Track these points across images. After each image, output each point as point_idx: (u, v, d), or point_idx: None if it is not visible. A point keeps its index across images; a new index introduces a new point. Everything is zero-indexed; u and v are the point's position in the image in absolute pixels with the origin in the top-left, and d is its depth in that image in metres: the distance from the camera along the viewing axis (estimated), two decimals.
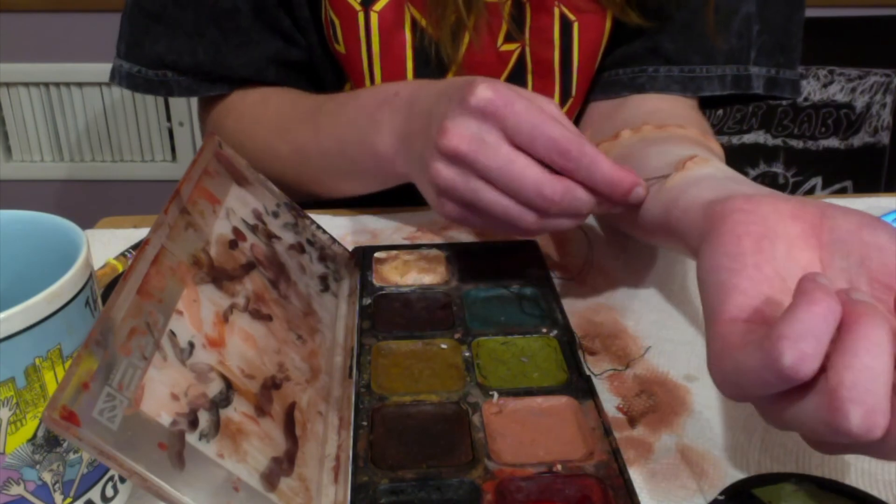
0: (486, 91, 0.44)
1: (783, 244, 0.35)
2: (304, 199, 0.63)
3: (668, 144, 0.53)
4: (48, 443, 0.33)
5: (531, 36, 0.66)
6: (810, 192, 1.52)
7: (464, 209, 0.48)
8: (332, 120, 0.60)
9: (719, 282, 0.35)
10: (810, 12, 0.70)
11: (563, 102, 0.69)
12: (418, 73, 0.66)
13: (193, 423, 0.31)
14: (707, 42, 0.64)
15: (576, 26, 0.66)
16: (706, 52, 0.64)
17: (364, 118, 0.56)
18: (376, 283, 0.54)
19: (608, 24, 0.66)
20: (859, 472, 0.39)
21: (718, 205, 0.38)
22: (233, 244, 0.43)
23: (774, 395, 0.31)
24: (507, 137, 0.44)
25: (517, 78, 0.68)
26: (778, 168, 1.51)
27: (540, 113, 0.44)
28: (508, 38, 0.66)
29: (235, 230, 0.44)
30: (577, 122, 0.72)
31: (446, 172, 0.46)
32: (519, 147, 0.44)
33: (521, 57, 0.67)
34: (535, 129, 0.43)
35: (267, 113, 0.67)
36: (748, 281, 0.34)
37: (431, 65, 0.65)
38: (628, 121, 0.62)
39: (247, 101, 0.68)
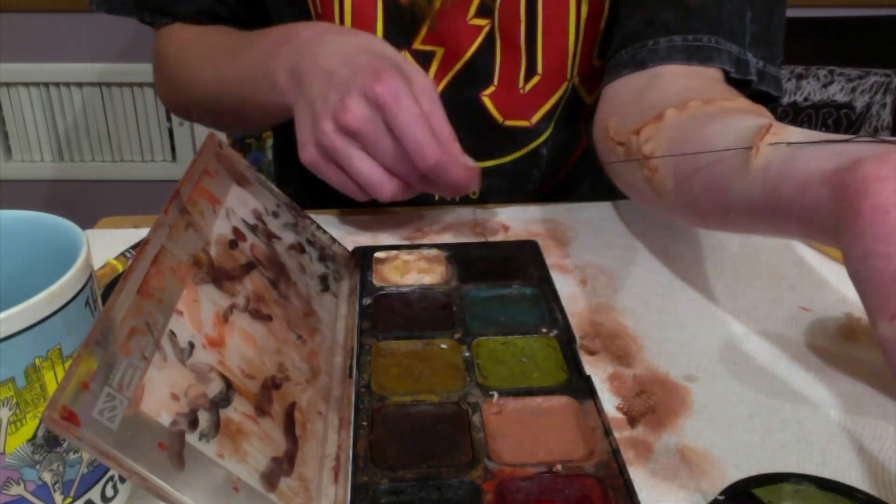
0: (382, 86, 0.53)
1: None
2: (227, 132, 0.77)
3: (726, 119, 0.47)
4: (48, 443, 0.33)
5: (500, 11, 0.67)
6: None
7: (326, 162, 0.57)
8: (248, 51, 0.66)
9: (876, 271, 0.31)
10: (811, 12, 0.70)
11: (527, 79, 0.69)
12: (387, 34, 0.68)
13: (193, 423, 0.31)
14: (708, 11, 0.58)
15: (540, 1, 0.66)
16: (710, 21, 0.58)
17: (269, 49, 0.62)
18: (376, 283, 0.54)
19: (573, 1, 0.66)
20: (859, 472, 0.39)
21: (847, 175, 0.34)
22: (233, 244, 0.43)
23: None
24: (386, 124, 0.54)
25: (486, 51, 0.68)
26: None
27: (417, 116, 0.53)
28: (479, 13, 0.67)
29: (235, 230, 0.44)
30: (561, 104, 0.71)
31: (332, 137, 0.55)
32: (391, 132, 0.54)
33: (491, 32, 0.68)
34: (406, 127, 0.53)
35: (202, 43, 0.74)
36: None
37: (401, 29, 0.68)
38: (660, 101, 0.54)
39: (187, 32, 0.76)
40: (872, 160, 0.33)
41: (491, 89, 0.70)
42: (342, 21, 0.68)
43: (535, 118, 0.71)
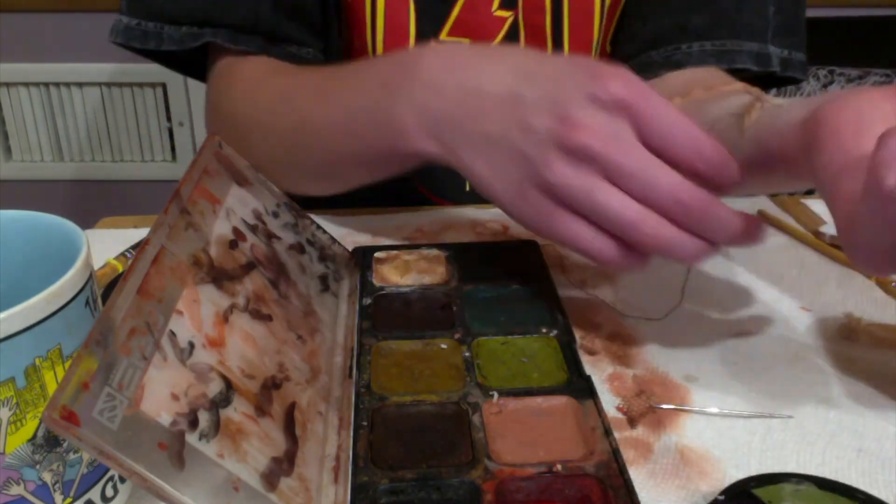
0: (620, 83, 0.40)
1: (881, 124, 0.35)
2: (296, 195, 0.56)
3: (724, 99, 0.52)
4: (48, 443, 0.33)
5: (524, 3, 0.67)
6: (810, 192, 1.52)
7: (554, 210, 0.42)
8: (342, 86, 0.54)
9: (832, 177, 0.35)
10: (810, 12, 0.71)
11: None
12: (420, 24, 0.67)
13: (193, 423, 0.31)
14: (731, 17, 0.64)
15: None
16: (732, 27, 0.64)
17: (377, 85, 0.50)
18: (376, 283, 0.54)
19: None
20: (859, 472, 0.39)
21: (812, 115, 0.38)
22: (233, 244, 0.43)
23: None
24: (640, 136, 0.40)
25: (511, 43, 0.68)
26: None
27: (676, 111, 0.40)
28: (503, 5, 0.67)
29: (235, 230, 0.44)
30: None
31: (564, 171, 0.40)
32: (650, 147, 0.40)
33: (515, 23, 0.68)
34: (675, 128, 0.40)
35: (272, 81, 0.62)
36: (855, 165, 0.34)
37: (431, 20, 0.66)
38: (668, 92, 0.59)
39: (250, 66, 0.64)
40: (831, 101, 0.37)
41: None
42: (374, 9, 0.65)
43: None
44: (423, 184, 0.73)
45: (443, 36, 0.68)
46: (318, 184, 0.60)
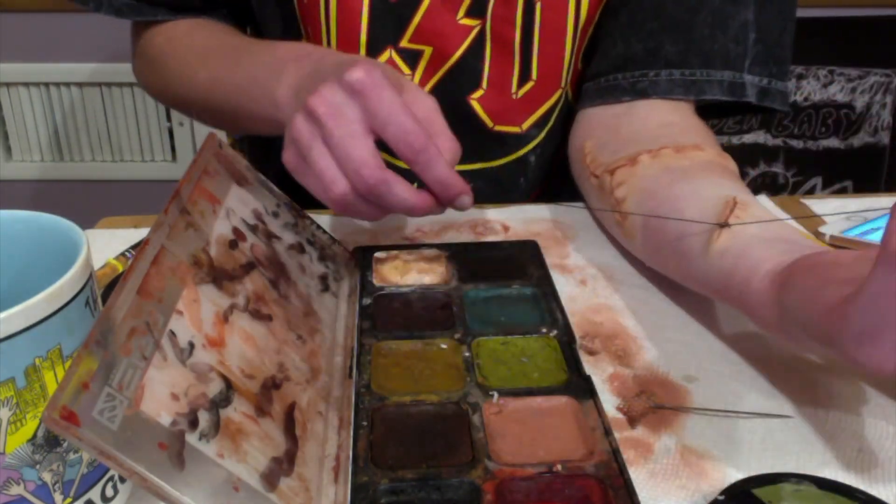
0: (361, 72, 0.47)
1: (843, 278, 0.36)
2: (217, 128, 0.70)
3: (697, 178, 0.54)
4: (48, 443, 0.33)
5: (493, 13, 0.66)
6: (810, 191, 1.52)
7: (298, 161, 0.50)
8: (251, 59, 0.63)
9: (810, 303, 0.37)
10: (811, 12, 0.70)
11: (521, 84, 0.69)
12: (374, 31, 0.67)
13: (193, 423, 0.31)
14: (705, 45, 0.63)
15: (538, 7, 0.66)
16: (704, 56, 0.63)
17: (276, 66, 0.59)
18: (376, 283, 0.54)
19: (572, 6, 0.66)
20: (859, 472, 0.39)
21: (781, 276, 0.41)
22: (233, 244, 0.43)
23: None
24: (365, 118, 0.47)
25: (475, 54, 0.68)
26: (778, 168, 1.51)
27: (401, 105, 0.47)
28: (470, 13, 0.66)
29: (235, 230, 0.44)
30: (554, 115, 0.71)
31: (300, 125, 0.49)
32: (374, 130, 0.47)
33: (481, 33, 0.67)
34: (390, 117, 0.46)
35: (194, 39, 0.72)
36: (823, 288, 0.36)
37: (388, 26, 0.67)
38: (637, 136, 0.61)
39: (178, 27, 0.74)
40: (800, 263, 0.40)
41: (479, 92, 0.69)
42: (327, 13, 0.67)
43: (527, 124, 0.71)
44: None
45: (403, 43, 0.68)
46: (223, 126, 0.75)
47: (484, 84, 0.69)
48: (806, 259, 0.40)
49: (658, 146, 0.57)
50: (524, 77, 0.69)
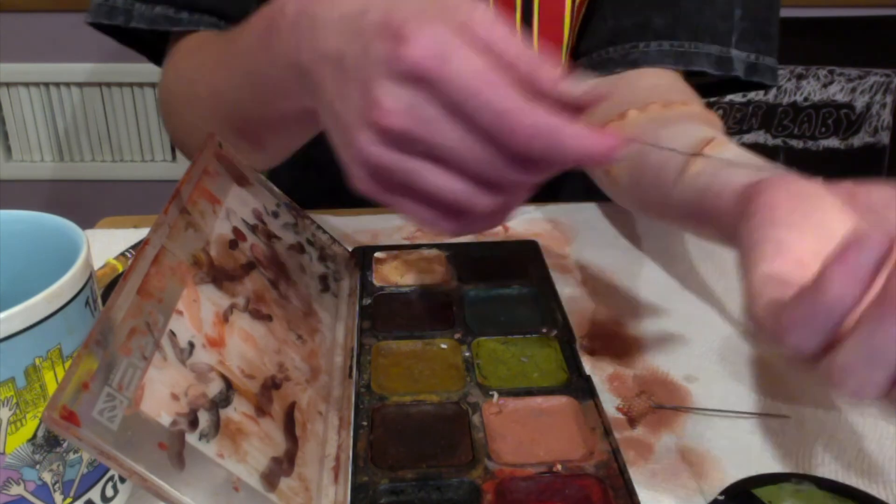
0: (412, 45, 0.35)
1: (817, 215, 0.35)
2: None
3: (679, 125, 0.54)
4: (48, 443, 0.33)
5: None
6: None
7: (388, 191, 0.39)
8: (234, 51, 0.52)
9: (752, 245, 0.35)
10: (811, 12, 0.71)
11: None
12: None
13: (193, 423, 0.31)
14: (693, 19, 0.64)
15: None
16: (692, 29, 0.65)
17: (257, 45, 0.48)
18: (376, 283, 0.54)
19: None
20: (859, 472, 0.39)
21: (754, 184, 0.39)
22: (233, 244, 0.43)
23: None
24: (446, 106, 0.36)
25: None
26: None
27: (483, 73, 0.34)
28: None
29: (235, 230, 0.44)
30: None
31: (379, 154, 0.37)
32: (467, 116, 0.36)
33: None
34: (476, 99, 0.34)
35: (197, 52, 0.62)
36: (777, 242, 0.34)
37: None
38: (627, 99, 0.61)
39: (190, 42, 0.63)
40: (774, 177, 0.38)
41: None
42: None
43: None
44: None
45: None
46: (250, 145, 0.56)
47: None
48: (776, 178, 0.39)
49: (646, 104, 0.58)
50: None
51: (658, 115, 0.57)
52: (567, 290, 0.55)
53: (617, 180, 0.57)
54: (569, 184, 0.78)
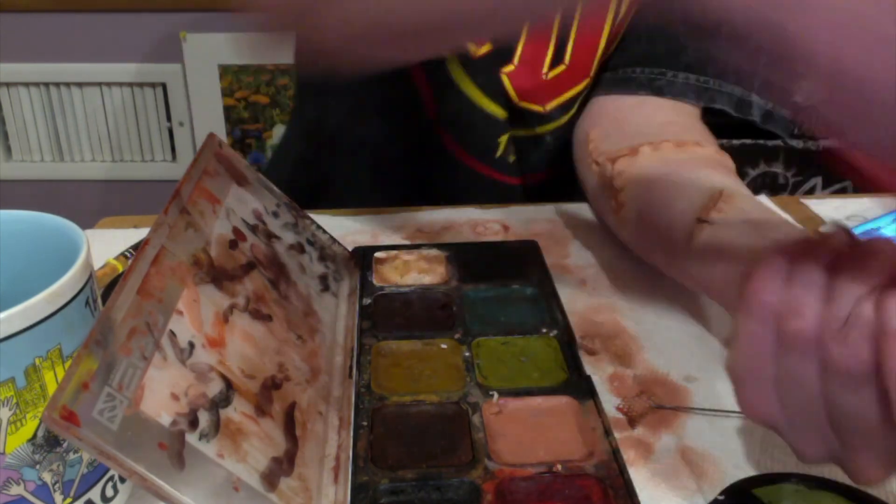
0: (797, 322, 0.32)
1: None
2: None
3: (691, 170, 0.55)
4: (48, 443, 0.33)
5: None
6: (810, 192, 1.52)
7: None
8: None
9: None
10: None
11: (553, 66, 0.69)
12: None
13: (193, 423, 0.31)
14: (720, 58, 0.64)
15: None
16: (719, 67, 0.65)
17: None
18: (376, 283, 0.54)
19: None
20: None
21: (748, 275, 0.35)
22: (233, 244, 0.43)
23: None
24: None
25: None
26: (778, 168, 1.51)
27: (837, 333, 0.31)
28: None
29: (235, 230, 0.44)
30: (578, 102, 0.71)
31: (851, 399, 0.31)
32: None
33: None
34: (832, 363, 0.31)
35: None
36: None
37: None
38: (641, 130, 0.62)
39: None
40: (763, 265, 0.34)
41: (510, 67, 0.69)
42: None
43: (550, 105, 0.71)
44: (454, 137, 0.73)
45: None
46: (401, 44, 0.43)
47: (515, 60, 0.69)
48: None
49: (659, 140, 0.59)
50: (557, 60, 0.69)
51: (671, 155, 0.57)
52: (567, 290, 0.55)
53: (623, 223, 0.58)
54: (570, 186, 0.78)
